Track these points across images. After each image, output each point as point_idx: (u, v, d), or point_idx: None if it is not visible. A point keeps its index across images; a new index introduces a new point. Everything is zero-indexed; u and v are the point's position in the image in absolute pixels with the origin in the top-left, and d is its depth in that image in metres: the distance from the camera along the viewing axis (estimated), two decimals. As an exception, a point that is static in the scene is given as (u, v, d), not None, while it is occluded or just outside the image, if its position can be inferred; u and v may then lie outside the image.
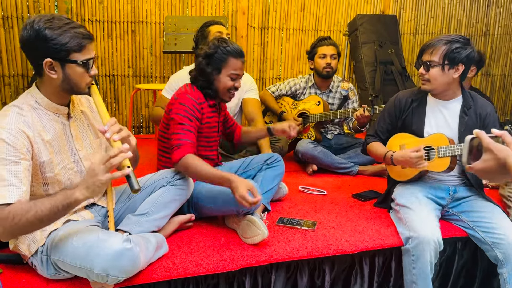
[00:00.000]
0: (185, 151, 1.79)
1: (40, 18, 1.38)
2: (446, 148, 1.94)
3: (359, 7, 4.53)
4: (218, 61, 1.93)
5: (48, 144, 1.46)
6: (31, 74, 3.59)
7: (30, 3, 3.55)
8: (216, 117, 2.07)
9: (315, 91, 3.10)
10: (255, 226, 1.78)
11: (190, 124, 1.86)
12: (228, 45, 1.93)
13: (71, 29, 1.39)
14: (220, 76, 1.95)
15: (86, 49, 1.44)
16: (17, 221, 1.29)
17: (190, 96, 1.91)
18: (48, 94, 1.47)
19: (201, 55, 1.96)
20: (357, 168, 2.89)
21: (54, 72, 1.42)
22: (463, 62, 1.91)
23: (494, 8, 4.98)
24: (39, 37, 1.36)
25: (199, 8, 4.00)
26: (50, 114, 1.49)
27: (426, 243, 1.74)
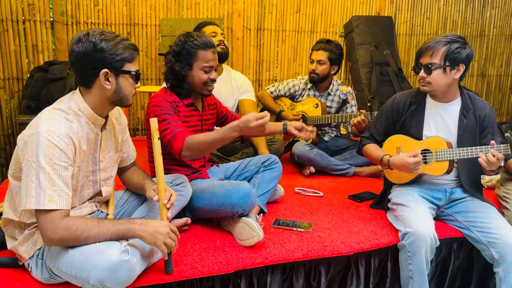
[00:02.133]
0: (181, 138, 1.78)
1: (94, 31, 1.43)
2: (444, 152, 1.94)
3: (354, 9, 4.54)
4: (188, 57, 1.89)
5: (83, 152, 1.47)
6: (26, 77, 3.57)
7: (25, 6, 3.54)
8: (197, 116, 2.04)
9: (313, 93, 3.10)
10: (250, 228, 1.78)
11: (172, 117, 1.86)
12: (195, 39, 1.89)
13: (122, 40, 1.45)
14: (193, 72, 1.91)
15: (136, 60, 1.51)
16: (78, 234, 1.34)
17: (161, 97, 1.91)
18: (93, 105, 1.49)
19: (170, 53, 1.93)
20: (353, 170, 2.88)
21: (109, 83, 1.45)
22: (463, 62, 1.90)
23: (489, 9, 5.00)
24: (96, 49, 1.40)
25: (194, 10, 4.00)
26: (89, 124, 1.50)
27: (422, 239, 1.74)
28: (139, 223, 1.44)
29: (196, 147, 1.77)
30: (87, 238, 1.36)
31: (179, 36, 1.94)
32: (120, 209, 1.78)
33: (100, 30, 1.45)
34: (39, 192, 1.31)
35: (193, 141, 1.76)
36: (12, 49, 3.54)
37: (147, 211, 1.75)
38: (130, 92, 1.51)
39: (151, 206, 1.75)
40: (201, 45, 1.89)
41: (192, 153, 1.79)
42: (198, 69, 1.91)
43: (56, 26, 3.63)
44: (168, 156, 1.98)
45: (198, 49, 1.89)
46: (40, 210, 1.32)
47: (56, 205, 1.32)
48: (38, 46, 3.62)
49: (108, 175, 1.64)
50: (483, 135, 2.01)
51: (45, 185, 1.31)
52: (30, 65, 3.63)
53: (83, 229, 1.34)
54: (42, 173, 1.31)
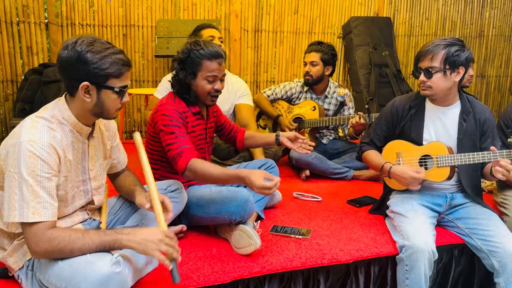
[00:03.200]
0: (187, 157, 1.73)
1: (82, 40, 1.35)
2: (445, 157, 1.90)
3: (353, 10, 4.51)
4: (192, 66, 1.84)
5: (68, 162, 1.42)
6: (20, 79, 3.53)
7: (19, 7, 3.49)
8: (202, 124, 2.00)
9: (310, 96, 3.06)
10: (247, 236, 1.74)
11: (180, 131, 1.81)
12: (201, 48, 1.83)
13: (112, 54, 1.36)
14: (197, 81, 1.87)
15: (124, 76, 1.41)
16: (61, 247, 1.29)
17: (171, 107, 1.84)
18: (76, 114, 1.43)
19: (175, 60, 1.89)
20: (352, 173, 2.85)
21: (89, 96, 1.38)
22: (463, 64, 1.87)
23: (488, 10, 4.97)
24: (80, 60, 1.33)
25: (191, 11, 3.96)
26: (74, 132, 1.45)
27: (421, 253, 1.70)
28: (127, 232, 1.36)
29: (199, 173, 1.73)
30: (72, 251, 1.31)
31: (186, 43, 1.89)
32: (114, 216, 1.74)
33: (92, 38, 1.38)
34: (22, 204, 1.27)
35: (198, 167, 1.72)
36: (6, 51, 3.50)
37: (141, 218, 1.70)
38: (113, 107, 1.44)
39: (145, 214, 1.70)
40: (206, 54, 1.83)
41: (194, 176, 1.75)
42: (201, 79, 1.86)
43: (51, 28, 3.59)
44: (168, 165, 1.93)
45: (203, 59, 1.83)
46: (24, 223, 1.28)
47: (40, 217, 1.28)
48: (32, 48, 3.58)
49: (99, 184, 1.60)
50: (483, 139, 1.98)
51: (28, 198, 1.27)
52: (24, 67, 3.59)
53: (66, 242, 1.29)
54: (25, 185, 1.27)
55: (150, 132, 1.93)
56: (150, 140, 1.95)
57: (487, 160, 1.86)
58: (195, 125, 1.94)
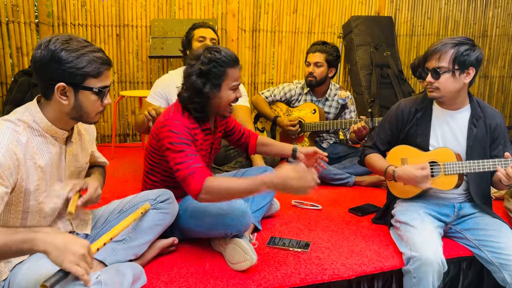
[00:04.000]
0: (201, 177, 1.53)
1: (57, 38, 1.26)
2: (453, 164, 1.79)
3: (353, 9, 4.40)
4: (217, 77, 1.65)
5: (39, 169, 1.31)
6: (10, 81, 3.41)
7: (8, 7, 3.37)
8: (209, 139, 1.84)
9: (310, 98, 2.95)
10: (242, 250, 1.63)
11: (190, 148, 1.63)
12: (222, 55, 1.65)
13: (90, 52, 1.28)
14: (221, 92, 1.68)
15: (103, 76, 1.32)
16: None
17: (180, 122, 1.66)
18: (51, 117, 1.32)
19: (194, 73, 1.66)
20: (353, 179, 2.74)
21: (66, 98, 1.28)
22: (473, 65, 1.77)
23: (491, 9, 4.87)
24: (54, 59, 1.24)
25: (187, 10, 3.84)
26: (47, 137, 1.34)
27: (429, 265, 1.60)
28: (45, 231, 1.16)
29: (217, 192, 1.53)
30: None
31: (201, 53, 1.67)
32: (100, 229, 1.63)
33: (68, 37, 1.28)
34: None
35: (215, 186, 1.52)
36: (-5, 52, 3.38)
37: (128, 232, 1.58)
38: (92, 110, 1.34)
39: (133, 227, 1.59)
40: (229, 62, 1.66)
41: (211, 197, 1.54)
42: (226, 89, 1.69)
43: (41, 28, 3.47)
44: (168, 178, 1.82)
45: (227, 67, 1.66)
46: None
47: None
48: (22, 48, 3.46)
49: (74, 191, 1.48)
50: (494, 146, 1.87)
51: None
52: (14, 69, 3.47)
53: None
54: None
55: (152, 143, 1.78)
56: (151, 151, 1.80)
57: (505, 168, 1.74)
58: (202, 142, 1.79)
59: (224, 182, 1.54)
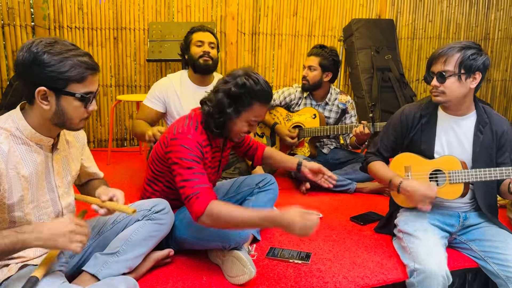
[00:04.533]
0: (207, 200, 1.48)
1: (40, 41, 1.21)
2: (458, 173, 1.74)
3: (354, 11, 4.35)
4: (242, 104, 1.61)
5: (23, 178, 1.25)
6: (5, 85, 3.36)
7: (3, 9, 3.32)
8: (217, 157, 1.80)
9: (310, 103, 2.89)
10: (241, 263, 1.57)
11: (199, 167, 1.57)
12: (257, 87, 1.60)
13: (74, 56, 1.22)
14: (237, 120, 1.64)
15: (87, 81, 1.25)
16: None
17: (192, 137, 1.61)
18: (34, 124, 1.27)
19: (224, 91, 1.62)
20: (354, 186, 2.68)
21: (47, 103, 1.23)
22: (480, 70, 1.72)
23: (493, 11, 4.82)
24: (35, 62, 1.18)
25: (185, 13, 3.79)
26: (31, 145, 1.28)
27: (434, 278, 1.54)
28: (30, 231, 1.19)
29: (219, 218, 1.47)
30: None
31: (240, 74, 1.62)
32: (93, 240, 1.57)
33: (53, 39, 1.23)
34: None
35: (219, 212, 1.46)
36: (-10, 55, 3.33)
37: (122, 244, 1.52)
38: (76, 116, 1.28)
39: (127, 239, 1.53)
40: (261, 97, 1.62)
41: (211, 223, 1.49)
42: (244, 120, 1.65)
43: (37, 31, 3.42)
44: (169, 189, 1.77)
45: (256, 101, 1.62)
46: None
47: None
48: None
49: (69, 201, 1.43)
50: (500, 153, 1.82)
51: None
52: (9, 72, 3.42)
53: None
54: None
55: (159, 152, 1.72)
56: (157, 159, 1.75)
57: (505, 177, 1.69)
58: (210, 160, 1.74)
59: (228, 210, 1.47)
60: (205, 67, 2.45)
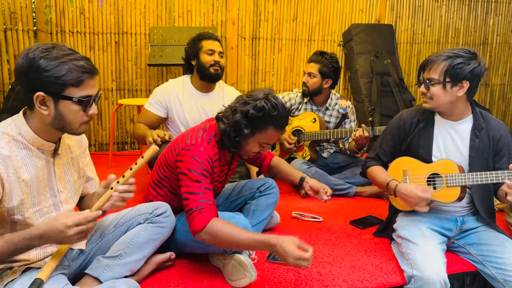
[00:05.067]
0: (209, 216, 1.51)
1: (38, 47, 1.23)
2: (455, 176, 1.76)
3: (354, 17, 4.38)
4: (257, 127, 1.64)
5: (23, 183, 1.27)
6: (6, 89, 3.39)
7: (6, 14, 3.35)
8: (225, 170, 1.84)
9: (310, 107, 2.92)
10: (242, 267, 1.59)
11: (206, 181, 1.60)
12: (275, 113, 1.62)
13: (71, 60, 1.23)
14: (250, 140, 1.67)
15: (85, 84, 1.26)
16: None
17: (205, 151, 1.63)
18: (36, 129, 1.29)
19: (242, 111, 1.63)
20: (354, 189, 2.70)
21: (46, 107, 1.24)
22: (467, 78, 1.73)
23: (492, 17, 4.85)
24: (32, 67, 1.21)
25: (186, 18, 3.82)
26: (33, 150, 1.30)
27: (431, 285, 1.56)
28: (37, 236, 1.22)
29: (218, 236, 1.49)
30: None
31: (261, 98, 1.63)
32: (95, 244, 1.58)
33: (51, 45, 1.24)
34: None
35: (219, 230, 1.49)
36: (-8, 60, 3.36)
37: (123, 247, 1.54)
38: (75, 120, 1.29)
39: (128, 243, 1.55)
40: (277, 123, 1.65)
41: (210, 239, 1.51)
42: (256, 141, 1.68)
43: (39, 35, 3.45)
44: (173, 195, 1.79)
45: (271, 126, 1.65)
46: None
47: None
48: (20, 56, 3.43)
49: (71, 207, 1.45)
50: (498, 158, 1.84)
51: None
52: (11, 76, 3.44)
53: None
54: None
55: (168, 158, 1.74)
56: (165, 164, 1.77)
57: (501, 180, 1.71)
58: (218, 174, 1.77)
59: (226, 230, 1.49)
60: (215, 77, 2.48)
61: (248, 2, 3.97)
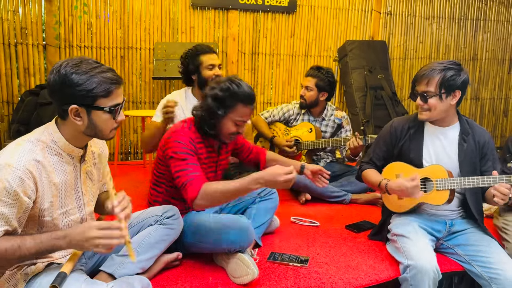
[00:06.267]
0: (198, 184, 1.65)
1: (67, 63, 1.33)
2: (445, 181, 1.89)
3: (348, 33, 4.57)
4: (226, 106, 1.79)
5: (54, 186, 1.38)
6: (16, 100, 3.52)
7: (17, 29, 3.50)
8: (213, 158, 1.96)
9: (308, 118, 3.07)
10: (244, 265, 1.70)
11: (192, 158, 1.75)
12: (239, 90, 1.77)
13: (99, 73, 1.33)
14: (224, 120, 1.81)
15: (114, 94, 1.37)
16: None
17: (186, 135, 1.80)
18: (67, 136, 1.40)
19: (211, 96, 1.80)
20: (350, 197, 2.83)
21: (80, 118, 1.35)
22: (459, 88, 1.89)
23: (481, 34, 5.07)
24: (65, 83, 1.30)
25: (189, 34, 4.00)
26: (63, 156, 1.41)
27: (425, 273, 1.69)
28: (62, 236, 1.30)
29: (213, 196, 1.63)
30: (10, 262, 1.32)
31: (223, 80, 1.81)
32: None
33: (79, 60, 1.35)
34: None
35: (211, 190, 1.63)
36: (3, 72, 3.50)
37: (136, 246, 1.66)
38: (106, 127, 1.41)
39: (141, 241, 1.67)
40: (243, 98, 1.78)
41: (206, 203, 1.65)
42: (229, 120, 1.81)
43: (48, 49, 3.60)
44: (171, 189, 1.92)
45: (239, 102, 1.78)
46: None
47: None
48: (29, 69, 3.58)
49: (92, 209, 1.57)
50: (483, 162, 1.98)
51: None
52: (21, 88, 3.58)
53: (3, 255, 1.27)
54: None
55: (159, 155, 1.89)
56: (158, 163, 1.91)
57: (487, 185, 1.84)
58: (205, 157, 1.89)
59: (219, 186, 1.64)
60: None
61: (248, 19, 4.16)
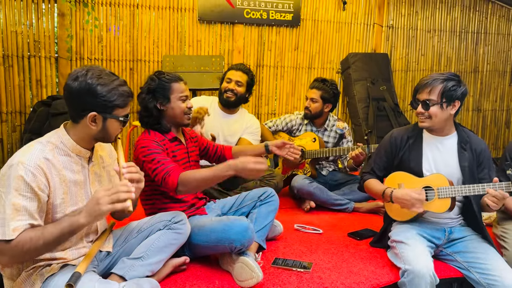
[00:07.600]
0: (176, 174, 1.83)
1: (92, 73, 1.48)
2: (446, 189, 1.95)
3: (351, 46, 4.67)
4: (163, 91, 1.99)
5: (64, 183, 1.49)
6: (28, 111, 3.63)
7: (30, 42, 3.63)
8: (182, 149, 2.11)
9: (310, 129, 3.15)
10: (249, 268, 1.76)
11: (160, 155, 1.91)
12: (166, 75, 2.02)
13: (118, 86, 1.51)
14: (171, 104, 2.01)
15: (127, 106, 1.57)
16: (26, 249, 1.35)
17: (147, 139, 1.96)
18: (76, 138, 1.54)
19: (144, 92, 2.02)
20: (352, 205, 2.89)
21: (95, 124, 1.51)
22: (458, 98, 1.97)
23: (482, 46, 5.15)
24: (90, 92, 1.46)
25: (196, 47, 4.11)
26: (72, 156, 1.53)
27: (422, 277, 1.74)
28: (78, 211, 1.39)
29: (191, 183, 1.83)
30: (36, 249, 1.37)
31: (149, 76, 2.06)
32: (120, 247, 1.77)
33: (99, 70, 1.50)
34: (3, 223, 1.34)
35: (188, 177, 1.83)
36: (16, 84, 3.61)
37: (145, 250, 1.73)
38: (114, 133, 1.57)
39: (150, 245, 1.74)
40: (173, 78, 2.02)
41: (187, 189, 1.85)
42: (176, 100, 2.01)
43: (60, 62, 3.72)
44: (162, 196, 2.01)
45: (172, 82, 2.01)
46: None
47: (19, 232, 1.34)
48: (42, 81, 3.70)
49: None
50: (480, 169, 2.04)
51: (10, 216, 1.34)
52: (33, 99, 3.69)
53: (29, 243, 1.35)
54: (8, 203, 1.35)
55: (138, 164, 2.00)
56: None
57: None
58: (175, 150, 2.05)
59: (195, 174, 1.84)
60: (224, 102, 2.88)
61: (253, 33, 4.28)
